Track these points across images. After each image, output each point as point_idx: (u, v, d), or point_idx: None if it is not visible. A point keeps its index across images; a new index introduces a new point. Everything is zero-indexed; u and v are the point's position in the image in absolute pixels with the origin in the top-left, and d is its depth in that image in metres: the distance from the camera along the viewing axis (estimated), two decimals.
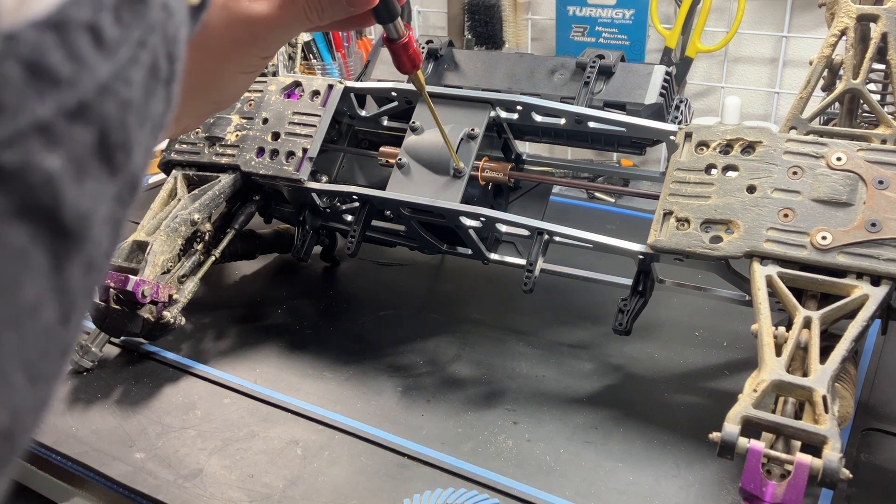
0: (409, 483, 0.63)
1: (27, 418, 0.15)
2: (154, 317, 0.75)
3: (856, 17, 0.68)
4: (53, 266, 0.15)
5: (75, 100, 0.15)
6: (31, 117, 0.14)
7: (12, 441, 0.15)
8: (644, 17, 1.17)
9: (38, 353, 0.15)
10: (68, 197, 0.15)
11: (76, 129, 0.15)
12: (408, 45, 0.55)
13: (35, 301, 0.15)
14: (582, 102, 0.78)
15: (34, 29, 0.14)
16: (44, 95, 0.14)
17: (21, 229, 0.14)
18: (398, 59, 0.56)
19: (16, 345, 0.14)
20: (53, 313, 0.15)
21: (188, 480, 0.64)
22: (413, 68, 0.58)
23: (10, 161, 0.14)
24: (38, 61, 0.14)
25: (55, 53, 0.14)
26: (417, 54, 0.57)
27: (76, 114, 0.15)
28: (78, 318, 0.16)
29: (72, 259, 0.15)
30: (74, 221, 0.15)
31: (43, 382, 0.15)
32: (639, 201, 1.09)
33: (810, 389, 0.52)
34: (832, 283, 0.59)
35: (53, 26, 0.14)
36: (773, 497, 0.50)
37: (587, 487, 0.62)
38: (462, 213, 0.74)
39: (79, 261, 0.16)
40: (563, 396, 0.73)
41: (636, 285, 0.71)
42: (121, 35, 0.16)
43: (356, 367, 0.78)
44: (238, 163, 0.84)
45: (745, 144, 0.66)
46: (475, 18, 1.28)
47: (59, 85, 0.15)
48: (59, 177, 0.15)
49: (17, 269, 0.14)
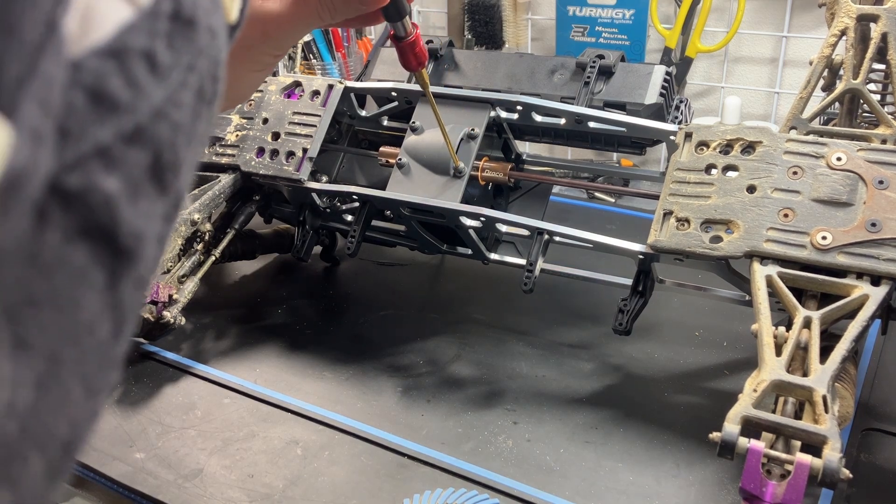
0: (409, 483, 0.63)
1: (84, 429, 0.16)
2: (154, 317, 0.75)
3: (856, 17, 0.68)
4: (109, 284, 0.16)
5: (132, 124, 0.15)
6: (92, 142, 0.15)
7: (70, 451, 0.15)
8: (644, 17, 1.17)
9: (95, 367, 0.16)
10: (125, 217, 0.15)
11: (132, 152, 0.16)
12: (415, 43, 0.57)
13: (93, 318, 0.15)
14: (582, 102, 0.78)
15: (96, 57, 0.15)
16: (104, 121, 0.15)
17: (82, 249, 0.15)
18: (405, 56, 0.57)
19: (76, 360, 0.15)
20: (108, 329, 0.16)
21: (188, 480, 0.64)
22: (419, 66, 0.59)
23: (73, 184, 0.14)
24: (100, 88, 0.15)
25: (115, 80, 0.15)
26: (424, 52, 0.58)
27: (133, 137, 0.16)
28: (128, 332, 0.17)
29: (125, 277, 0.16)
30: (130, 241, 0.16)
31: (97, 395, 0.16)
32: (639, 201, 1.09)
33: (810, 389, 0.52)
34: (832, 283, 0.59)
35: (113, 54, 0.15)
36: (773, 497, 0.50)
37: (587, 487, 0.62)
38: (462, 213, 0.74)
39: (131, 278, 0.16)
40: (563, 396, 0.73)
41: (636, 285, 0.71)
42: (173, 60, 0.16)
43: (356, 367, 0.78)
44: (238, 163, 0.84)
45: (745, 144, 0.66)
46: (475, 18, 1.28)
47: (118, 110, 0.15)
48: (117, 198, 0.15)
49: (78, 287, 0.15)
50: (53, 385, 0.14)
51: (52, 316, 0.14)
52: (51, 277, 0.14)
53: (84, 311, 0.15)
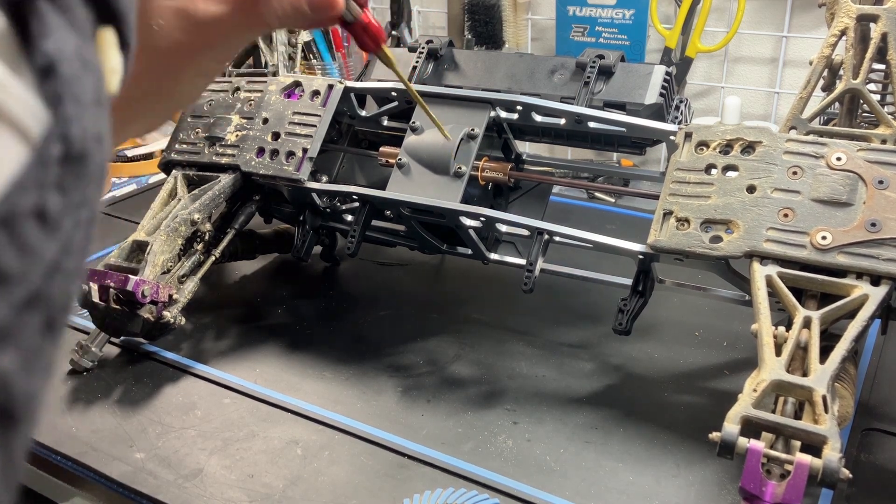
0: (409, 483, 0.63)
1: None
2: (154, 317, 0.75)
3: (856, 17, 0.68)
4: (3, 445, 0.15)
5: (26, 292, 0.14)
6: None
7: None
8: (644, 17, 1.17)
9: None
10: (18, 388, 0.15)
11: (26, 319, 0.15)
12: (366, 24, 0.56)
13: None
14: (582, 102, 0.78)
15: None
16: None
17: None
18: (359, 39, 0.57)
19: None
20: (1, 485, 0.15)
21: (188, 480, 0.64)
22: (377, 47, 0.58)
23: None
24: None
25: (6, 252, 0.14)
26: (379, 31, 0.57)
27: (27, 305, 0.15)
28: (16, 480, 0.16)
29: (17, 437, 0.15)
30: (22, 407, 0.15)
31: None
32: (639, 201, 1.09)
33: (810, 389, 0.52)
34: (832, 283, 0.59)
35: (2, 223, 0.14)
36: (772, 497, 0.50)
37: (587, 487, 0.62)
38: (462, 213, 0.74)
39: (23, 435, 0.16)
40: (563, 396, 0.73)
41: (636, 285, 0.71)
42: (64, 206, 0.15)
43: (356, 367, 0.78)
44: (238, 163, 0.84)
45: (745, 144, 0.66)
46: (475, 18, 1.28)
47: (10, 283, 0.14)
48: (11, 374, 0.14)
49: None
50: None
51: None
52: None
53: None
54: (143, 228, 0.79)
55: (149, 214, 0.81)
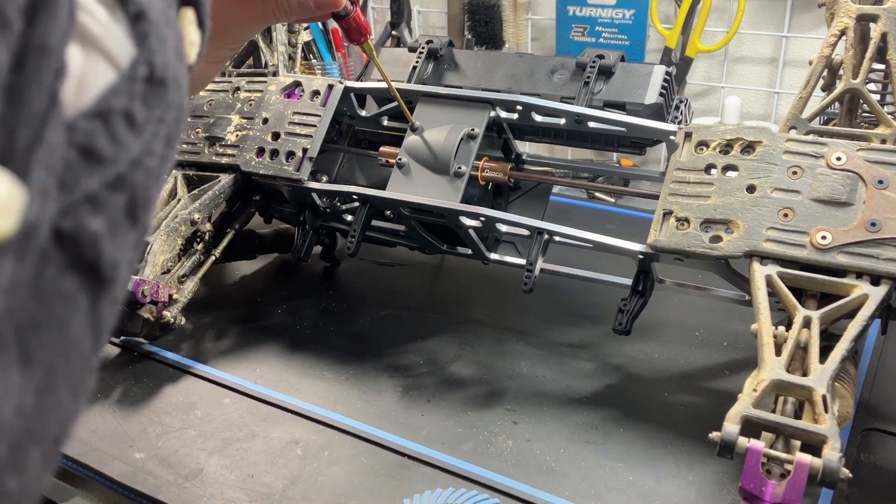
0: (409, 483, 0.63)
1: (70, 425, 0.19)
2: (154, 316, 0.75)
3: (855, 17, 0.68)
4: (91, 306, 0.18)
5: (114, 174, 0.18)
6: (83, 191, 0.17)
7: (59, 443, 0.18)
8: (644, 17, 1.17)
9: (79, 375, 0.19)
10: (106, 251, 0.18)
11: (114, 197, 0.18)
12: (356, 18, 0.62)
13: (79, 335, 0.18)
14: (582, 102, 0.78)
15: (86, 118, 0.18)
16: (93, 173, 0.18)
17: (72, 279, 0.18)
18: (348, 32, 0.63)
19: (65, 370, 0.18)
20: (89, 343, 0.19)
21: (188, 480, 0.64)
22: (363, 39, 0.64)
23: (67, 227, 0.17)
24: (90, 146, 0.18)
25: (101, 138, 0.18)
26: (365, 25, 0.63)
27: (114, 184, 0.18)
28: (104, 344, 0.20)
29: (105, 300, 0.19)
30: (109, 270, 0.19)
31: (80, 397, 0.19)
32: (639, 201, 1.09)
33: (810, 389, 0.52)
34: (832, 283, 0.59)
35: (100, 115, 0.18)
36: (772, 496, 0.50)
37: (587, 487, 0.62)
38: (462, 213, 0.74)
39: (109, 300, 0.19)
40: (563, 396, 0.73)
41: (636, 285, 0.71)
42: (147, 116, 0.19)
43: (356, 367, 0.78)
44: (238, 163, 0.84)
45: (745, 144, 0.66)
46: (475, 18, 1.28)
47: (103, 163, 0.18)
48: (101, 236, 0.18)
49: (68, 311, 0.18)
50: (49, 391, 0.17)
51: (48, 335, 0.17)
52: (48, 304, 0.17)
53: (72, 330, 0.18)
54: None
55: None
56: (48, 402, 0.17)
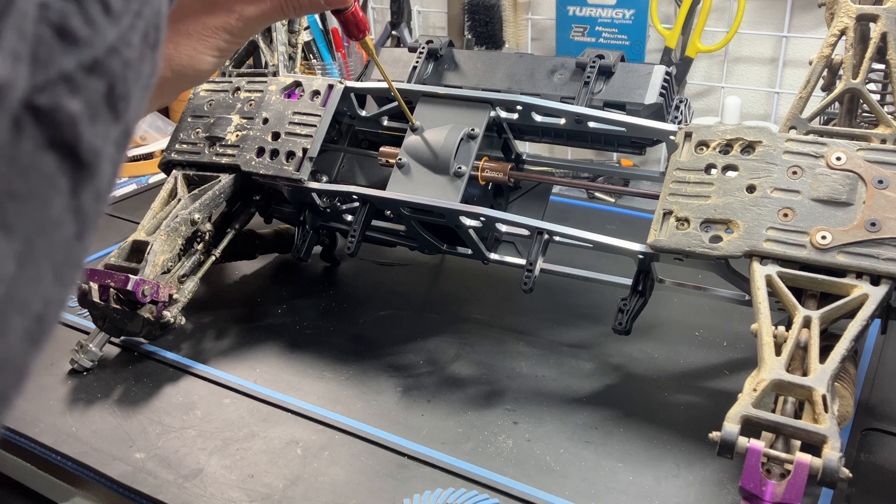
0: (409, 483, 0.63)
1: (53, 310, 0.19)
2: (154, 316, 0.75)
3: (855, 16, 0.68)
4: (72, 190, 0.19)
5: (90, 57, 0.19)
6: (58, 69, 0.18)
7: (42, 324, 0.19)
8: (644, 17, 1.17)
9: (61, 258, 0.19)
10: (85, 135, 0.19)
11: (91, 80, 0.19)
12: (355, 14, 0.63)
13: (59, 216, 0.18)
14: (582, 102, 0.78)
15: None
16: (67, 52, 0.18)
17: (50, 158, 0.18)
18: (347, 27, 0.64)
19: (46, 248, 0.18)
20: (71, 229, 0.19)
21: (188, 480, 0.64)
22: (361, 35, 0.65)
23: (43, 102, 0.17)
24: (64, 24, 0.18)
25: (75, 18, 0.18)
26: (364, 21, 0.64)
27: (91, 68, 0.19)
28: (89, 238, 0.20)
29: (86, 186, 0.19)
30: (89, 155, 0.19)
31: (63, 284, 0.19)
32: (639, 201, 1.09)
33: (810, 389, 0.53)
34: (832, 283, 0.59)
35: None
36: (772, 496, 0.50)
37: (587, 487, 0.62)
38: (462, 213, 0.74)
39: (91, 188, 0.19)
40: (563, 396, 0.73)
41: (636, 285, 0.71)
42: (123, 6, 0.20)
43: (356, 367, 0.78)
44: (238, 163, 0.84)
45: (745, 144, 0.66)
46: (475, 18, 1.28)
47: (78, 44, 0.18)
48: (79, 117, 0.18)
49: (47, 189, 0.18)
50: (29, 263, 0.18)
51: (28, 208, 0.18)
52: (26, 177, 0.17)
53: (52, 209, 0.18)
54: (143, 228, 0.79)
55: (149, 214, 0.81)
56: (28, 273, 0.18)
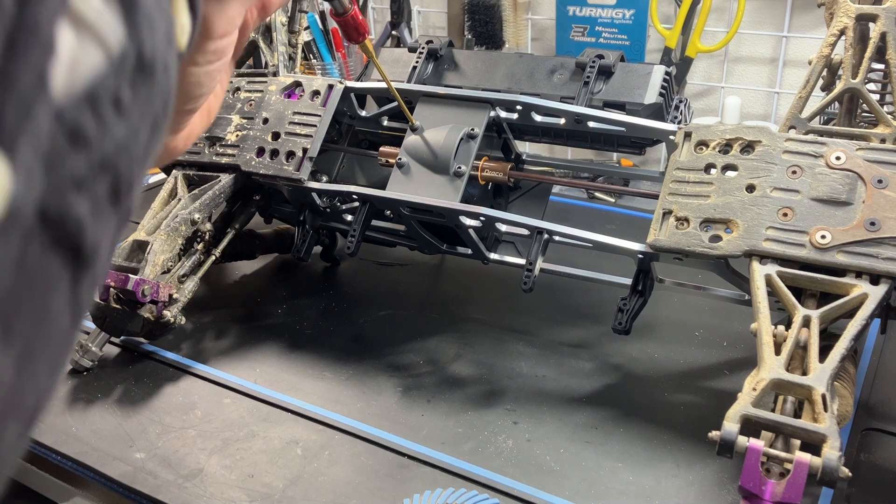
0: (409, 483, 0.63)
1: (46, 400, 0.19)
2: (154, 316, 0.75)
3: (855, 16, 0.68)
4: (72, 285, 0.19)
5: (99, 157, 0.19)
6: (69, 172, 0.18)
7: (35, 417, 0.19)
8: (644, 17, 1.17)
9: (57, 350, 0.19)
10: (89, 232, 0.19)
11: (98, 179, 0.19)
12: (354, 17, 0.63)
13: (59, 312, 0.19)
14: (582, 102, 0.78)
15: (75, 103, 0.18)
16: (79, 155, 0.18)
17: (55, 258, 0.18)
18: (346, 30, 0.64)
19: (44, 348, 0.18)
20: (68, 320, 0.19)
21: (188, 480, 0.64)
22: (361, 37, 0.64)
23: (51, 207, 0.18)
24: (77, 129, 0.18)
25: (89, 121, 0.18)
26: (363, 24, 0.64)
27: (99, 167, 0.19)
28: (81, 322, 0.20)
29: (85, 278, 0.19)
30: (90, 250, 0.19)
31: (57, 374, 0.19)
32: (639, 201, 1.09)
33: (809, 388, 0.53)
34: (831, 282, 0.59)
35: (88, 99, 0.18)
36: (772, 495, 0.50)
37: (587, 487, 0.62)
38: (462, 213, 0.74)
39: (89, 279, 0.20)
40: (563, 396, 0.73)
41: (636, 285, 0.71)
42: (134, 100, 0.20)
43: (356, 367, 0.78)
44: (238, 163, 0.84)
45: (745, 144, 0.66)
46: (475, 18, 1.28)
47: (89, 146, 0.18)
48: (84, 218, 0.19)
49: (49, 289, 0.18)
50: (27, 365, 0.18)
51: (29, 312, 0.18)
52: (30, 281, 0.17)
53: (53, 307, 0.18)
54: (143, 228, 0.79)
55: (149, 214, 0.81)
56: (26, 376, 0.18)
